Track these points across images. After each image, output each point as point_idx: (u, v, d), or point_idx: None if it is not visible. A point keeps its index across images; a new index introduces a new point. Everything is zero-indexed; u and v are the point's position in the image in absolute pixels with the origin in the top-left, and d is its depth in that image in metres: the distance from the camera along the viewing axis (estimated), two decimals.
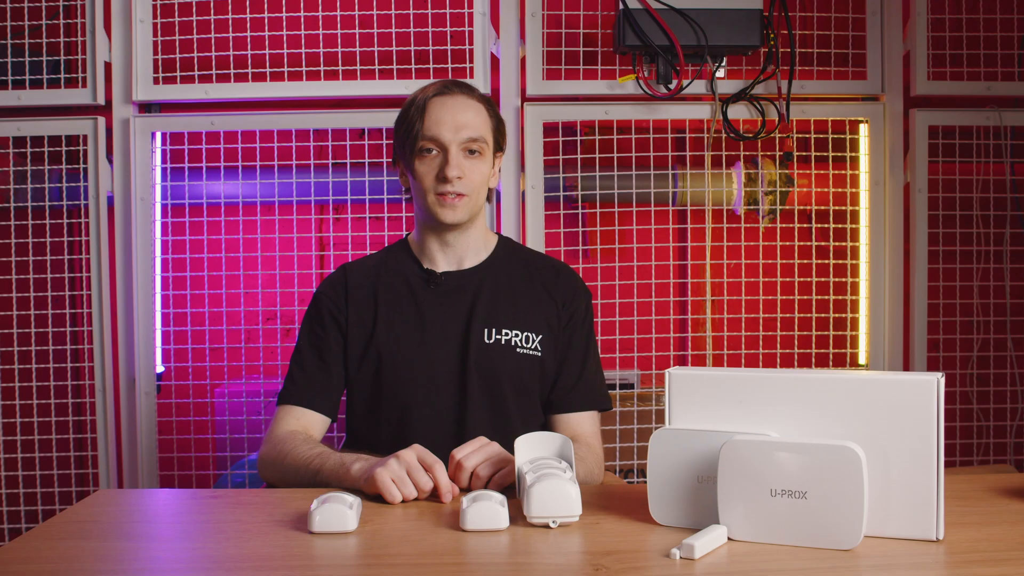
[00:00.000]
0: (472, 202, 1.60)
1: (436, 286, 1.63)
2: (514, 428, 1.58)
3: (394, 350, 1.60)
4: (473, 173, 1.58)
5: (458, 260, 1.66)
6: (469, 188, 1.58)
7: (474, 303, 1.62)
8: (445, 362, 1.59)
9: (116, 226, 2.44)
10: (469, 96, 1.61)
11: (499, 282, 1.65)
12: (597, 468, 1.57)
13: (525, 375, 1.60)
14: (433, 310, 1.62)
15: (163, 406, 2.47)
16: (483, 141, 1.59)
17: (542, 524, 1.16)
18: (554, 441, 1.32)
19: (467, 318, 1.61)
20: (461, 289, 1.63)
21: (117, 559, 1.07)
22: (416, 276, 1.65)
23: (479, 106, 1.61)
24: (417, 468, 1.28)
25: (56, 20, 2.46)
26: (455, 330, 1.61)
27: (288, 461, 1.45)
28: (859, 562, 1.02)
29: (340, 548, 1.09)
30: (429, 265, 1.66)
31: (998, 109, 2.45)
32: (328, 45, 2.42)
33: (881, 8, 2.43)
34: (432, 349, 1.60)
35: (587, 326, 1.67)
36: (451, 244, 1.64)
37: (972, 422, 2.52)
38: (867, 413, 1.09)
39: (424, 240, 1.66)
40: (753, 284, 2.50)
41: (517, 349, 1.60)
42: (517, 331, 1.60)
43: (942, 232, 2.46)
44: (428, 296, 1.63)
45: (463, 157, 1.57)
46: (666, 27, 2.28)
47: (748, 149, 2.54)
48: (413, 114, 1.58)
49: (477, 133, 1.58)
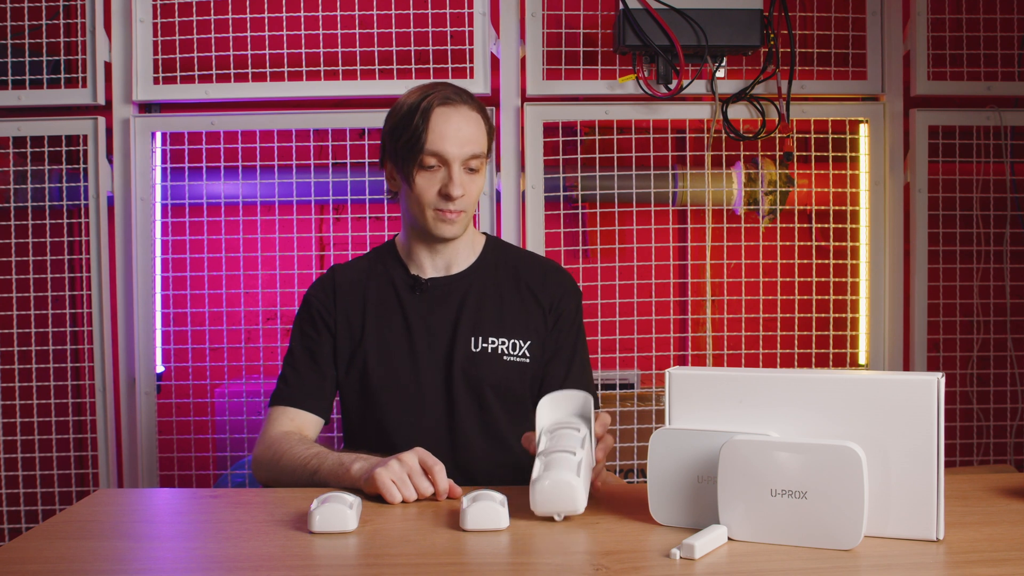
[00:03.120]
0: (468, 216, 1.59)
1: (422, 292, 1.62)
2: (504, 435, 1.58)
3: (380, 358, 1.59)
4: (472, 189, 1.57)
5: (446, 265, 1.64)
6: (467, 205, 1.57)
7: (460, 310, 1.61)
8: (431, 371, 1.58)
9: (116, 226, 2.44)
10: (471, 108, 1.57)
11: (486, 288, 1.64)
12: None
13: (514, 383, 1.59)
14: (420, 318, 1.61)
15: (163, 406, 2.47)
16: (483, 157, 1.57)
17: (547, 517, 1.17)
18: (575, 399, 1.30)
19: (453, 326, 1.60)
20: (448, 296, 1.62)
21: (117, 559, 1.07)
22: (403, 282, 1.64)
23: (478, 118, 1.58)
24: (417, 471, 1.28)
25: (56, 20, 2.46)
26: (441, 339, 1.59)
27: (284, 462, 1.45)
28: (859, 562, 1.02)
29: (340, 548, 1.09)
30: (416, 271, 1.64)
31: (998, 109, 2.45)
32: (328, 45, 2.42)
33: (881, 8, 2.43)
34: (418, 358, 1.59)
35: (576, 325, 1.66)
36: (440, 251, 1.63)
37: (972, 422, 2.52)
38: (867, 413, 1.09)
39: (412, 246, 1.64)
40: (753, 284, 2.50)
41: (504, 357, 1.58)
42: (504, 339, 1.59)
43: (942, 232, 2.46)
44: (415, 303, 1.62)
45: (463, 174, 1.55)
46: (666, 27, 2.28)
47: (748, 149, 2.54)
48: (417, 123, 1.53)
49: (479, 149, 1.56)
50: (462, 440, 1.57)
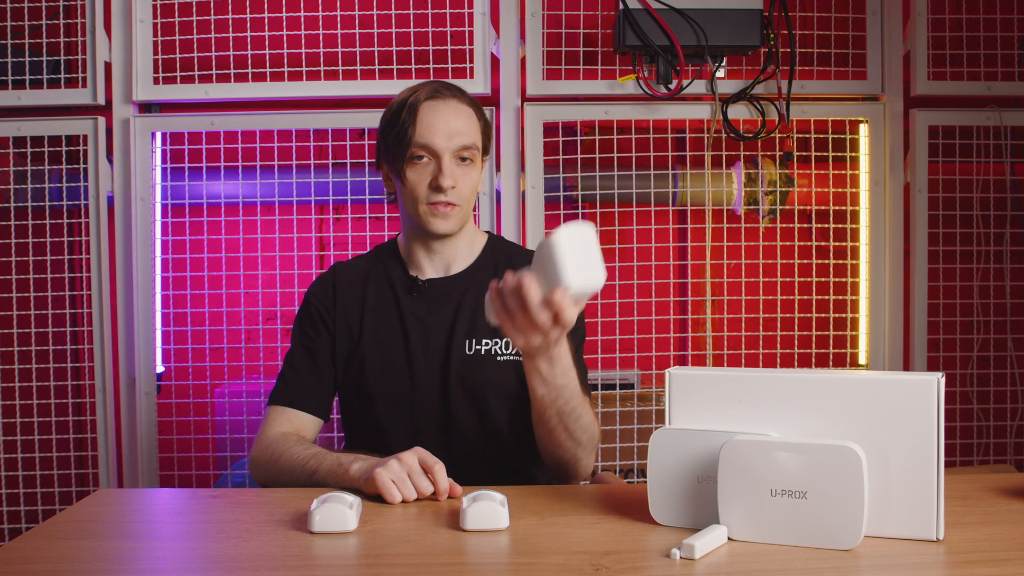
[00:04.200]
0: (464, 211, 1.57)
1: (419, 294, 1.61)
2: (503, 435, 1.58)
3: (377, 361, 1.58)
4: (465, 181, 1.55)
5: (445, 266, 1.62)
6: (461, 198, 1.55)
7: (457, 313, 1.59)
8: (427, 375, 1.57)
9: (116, 226, 2.44)
10: (460, 100, 1.56)
11: (483, 288, 1.60)
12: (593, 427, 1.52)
13: (509, 382, 1.57)
14: (417, 320, 1.59)
15: (163, 406, 2.47)
16: (475, 148, 1.55)
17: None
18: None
19: (449, 329, 1.58)
20: (445, 297, 1.60)
21: (117, 559, 1.07)
22: (401, 283, 1.62)
23: (469, 111, 1.57)
24: (417, 471, 1.28)
25: (56, 20, 2.46)
26: (438, 342, 1.58)
27: (282, 462, 1.44)
28: (859, 562, 1.02)
29: (340, 548, 1.09)
30: (415, 271, 1.62)
31: (998, 109, 2.45)
32: (328, 45, 2.42)
33: (881, 8, 2.43)
34: (414, 362, 1.57)
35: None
36: (438, 251, 1.61)
37: (972, 422, 2.52)
38: (867, 413, 1.09)
39: (411, 246, 1.62)
40: (753, 284, 2.50)
41: (498, 357, 1.57)
42: (497, 338, 1.58)
43: (942, 232, 2.46)
44: (412, 304, 1.60)
45: (455, 165, 1.53)
46: (666, 27, 2.28)
47: (748, 149, 2.54)
48: (404, 119, 1.52)
49: (469, 140, 1.54)
50: (458, 442, 1.56)
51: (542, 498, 1.31)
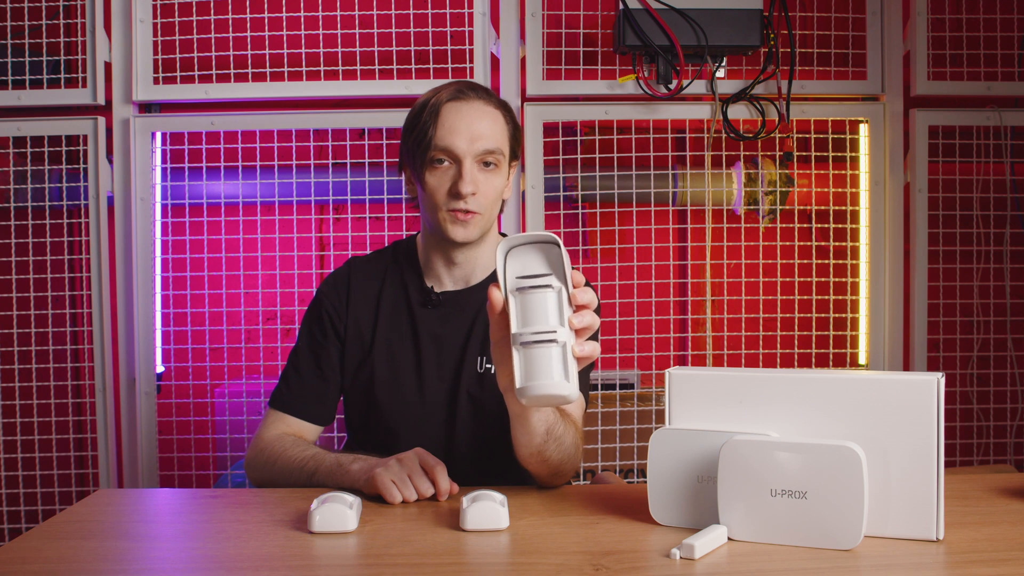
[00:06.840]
0: (485, 219, 1.48)
1: (434, 307, 1.54)
2: (507, 452, 1.53)
3: (387, 373, 1.53)
4: (488, 188, 1.47)
5: (464, 279, 1.55)
6: (482, 206, 1.46)
7: (472, 328, 1.52)
8: (436, 391, 1.52)
9: (116, 226, 2.44)
10: (486, 102, 1.48)
11: None
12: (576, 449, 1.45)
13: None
14: (430, 335, 1.53)
15: (163, 406, 2.47)
16: (499, 153, 1.47)
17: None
18: (539, 243, 1.12)
19: (463, 345, 1.52)
20: (460, 312, 1.54)
21: (117, 559, 1.07)
22: (417, 294, 1.55)
23: (496, 113, 1.49)
24: (418, 472, 1.27)
25: (56, 20, 2.46)
26: (450, 358, 1.52)
27: (280, 464, 1.43)
28: (859, 562, 1.02)
29: (340, 548, 1.09)
30: (432, 281, 1.55)
31: (998, 109, 2.45)
32: (328, 45, 2.42)
33: (881, 8, 2.43)
34: (425, 376, 1.53)
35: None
36: (458, 263, 1.53)
37: (972, 422, 2.52)
38: (867, 413, 1.09)
39: (429, 254, 1.55)
40: (753, 284, 2.50)
41: None
42: None
43: (942, 232, 2.46)
44: (426, 317, 1.54)
45: (477, 170, 1.45)
46: (666, 27, 2.28)
47: (748, 149, 2.54)
48: (426, 119, 1.45)
49: (494, 144, 1.46)
50: (458, 457, 1.51)
51: (542, 498, 1.31)
